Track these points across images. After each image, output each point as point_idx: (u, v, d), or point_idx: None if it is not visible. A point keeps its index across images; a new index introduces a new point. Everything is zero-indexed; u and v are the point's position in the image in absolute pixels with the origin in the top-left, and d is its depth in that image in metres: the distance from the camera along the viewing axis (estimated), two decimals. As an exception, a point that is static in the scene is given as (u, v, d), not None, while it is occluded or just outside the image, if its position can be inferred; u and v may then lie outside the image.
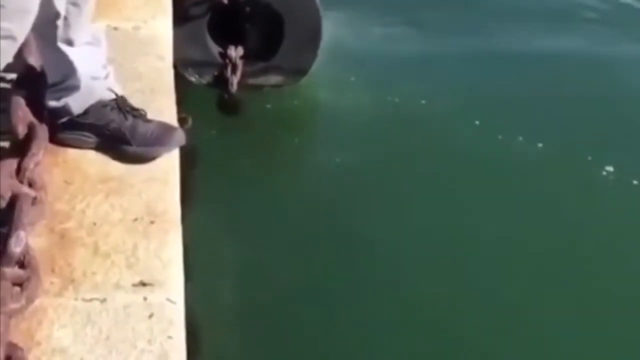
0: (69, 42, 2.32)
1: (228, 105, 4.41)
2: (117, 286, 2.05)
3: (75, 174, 2.38)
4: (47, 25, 2.23)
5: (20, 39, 2.05)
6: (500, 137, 4.23)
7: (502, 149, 4.17)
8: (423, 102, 4.46)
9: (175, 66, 3.04)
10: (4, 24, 1.95)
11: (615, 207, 3.87)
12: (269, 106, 4.40)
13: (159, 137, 2.47)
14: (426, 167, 4.03)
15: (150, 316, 1.99)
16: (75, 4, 2.27)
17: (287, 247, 3.53)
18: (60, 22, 2.26)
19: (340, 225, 3.65)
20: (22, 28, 2.02)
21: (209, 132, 4.06)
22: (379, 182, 3.94)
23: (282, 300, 3.26)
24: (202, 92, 4.43)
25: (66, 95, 2.41)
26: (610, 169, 4.06)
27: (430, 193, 3.88)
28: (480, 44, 4.97)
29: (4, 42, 1.98)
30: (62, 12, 2.25)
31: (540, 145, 4.20)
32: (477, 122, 4.32)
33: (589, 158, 4.12)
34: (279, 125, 4.33)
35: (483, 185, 3.92)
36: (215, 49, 4.45)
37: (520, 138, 4.23)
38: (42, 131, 2.33)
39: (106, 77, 2.47)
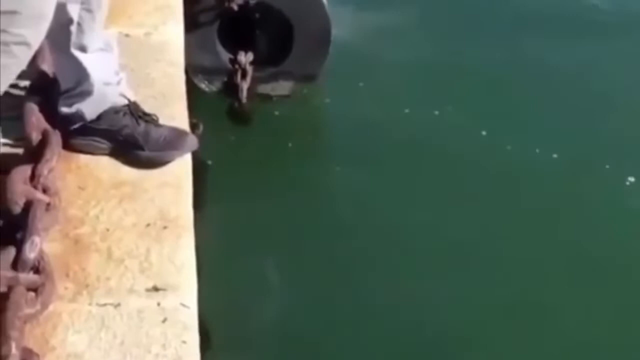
0: (82, 49, 2.33)
1: (238, 112, 4.41)
2: (131, 291, 2.06)
3: (88, 179, 2.39)
4: (60, 31, 2.24)
5: (35, 46, 2.05)
6: (515, 148, 4.16)
7: (518, 160, 4.08)
8: (436, 113, 4.40)
9: (185, 72, 3.05)
10: (19, 30, 1.96)
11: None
12: (278, 114, 4.41)
13: (172, 142, 2.48)
14: (438, 178, 3.99)
15: (164, 321, 2.00)
16: (88, 10, 2.28)
17: (298, 251, 3.53)
18: (73, 28, 2.27)
19: (350, 232, 3.65)
20: (37, 34, 2.02)
21: (219, 138, 4.06)
22: (389, 192, 3.91)
23: (295, 304, 3.27)
24: (212, 98, 4.43)
25: (79, 102, 2.42)
26: (632, 179, 3.99)
27: (442, 204, 3.84)
28: (494, 52, 4.88)
29: (18, 49, 1.99)
30: (75, 18, 2.26)
31: (555, 155, 4.14)
32: (492, 133, 4.25)
33: (607, 167, 4.06)
34: (288, 132, 4.33)
35: (498, 198, 3.87)
36: (225, 55, 4.47)
37: (537, 150, 4.16)
38: (56, 137, 2.34)
39: (119, 83, 2.48)
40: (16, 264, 1.95)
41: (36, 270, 1.97)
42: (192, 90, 3.01)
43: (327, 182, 4.02)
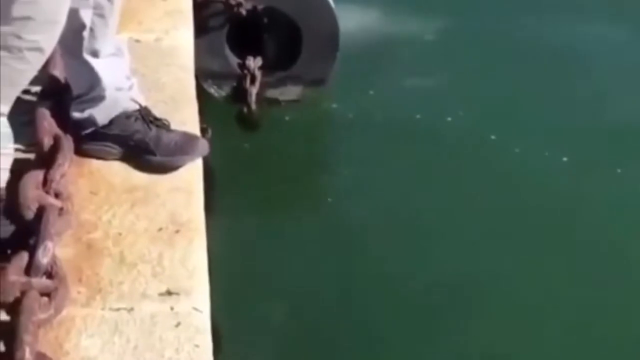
0: (94, 54, 2.34)
1: (247, 117, 4.42)
2: (144, 295, 2.07)
3: (100, 184, 2.40)
4: (73, 36, 2.24)
5: (48, 51, 2.05)
6: (525, 152, 4.13)
7: (528, 164, 4.06)
8: (448, 119, 4.38)
9: (195, 78, 3.05)
10: (33, 36, 1.96)
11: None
12: (287, 118, 4.41)
13: (183, 147, 2.49)
14: (449, 183, 3.97)
15: (177, 325, 2.00)
16: (101, 15, 2.29)
17: (309, 255, 3.54)
18: (86, 34, 2.28)
19: (360, 236, 3.65)
20: (50, 40, 2.03)
21: (229, 143, 4.06)
22: (399, 196, 3.91)
23: (307, 307, 3.27)
24: (221, 103, 4.44)
25: (91, 107, 2.43)
26: None
27: (453, 209, 3.82)
28: (505, 56, 4.84)
29: (31, 54, 1.99)
30: (88, 24, 2.27)
31: (565, 159, 4.11)
32: (501, 137, 4.23)
33: (619, 171, 4.03)
34: (297, 137, 4.33)
35: (508, 202, 3.84)
36: (234, 60, 4.47)
37: (547, 153, 4.14)
38: (68, 142, 2.34)
39: (130, 88, 2.49)
40: (29, 269, 1.95)
41: (49, 275, 1.97)
42: (201, 95, 3.02)
43: (336, 187, 4.02)
